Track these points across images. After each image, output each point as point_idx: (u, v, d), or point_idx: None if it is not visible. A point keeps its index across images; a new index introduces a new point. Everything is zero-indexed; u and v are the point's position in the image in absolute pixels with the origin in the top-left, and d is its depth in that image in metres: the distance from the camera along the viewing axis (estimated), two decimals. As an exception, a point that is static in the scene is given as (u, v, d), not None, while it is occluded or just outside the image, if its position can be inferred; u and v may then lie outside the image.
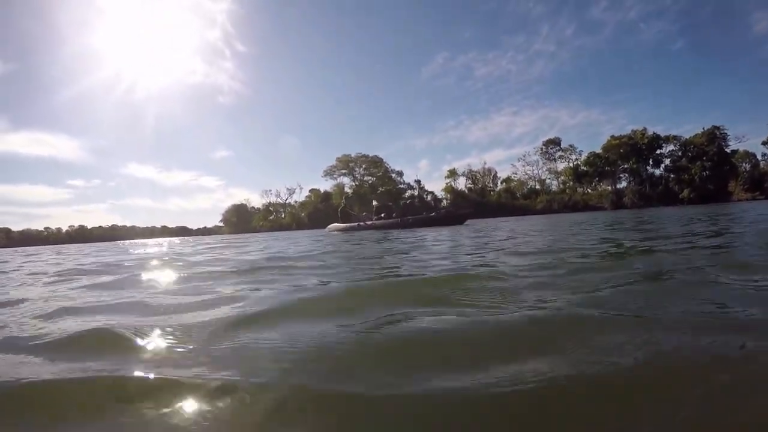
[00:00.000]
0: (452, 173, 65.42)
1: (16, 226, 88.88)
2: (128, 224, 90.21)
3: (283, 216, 71.26)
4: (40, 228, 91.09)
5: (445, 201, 62.08)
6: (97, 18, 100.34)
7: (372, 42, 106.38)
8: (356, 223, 15.97)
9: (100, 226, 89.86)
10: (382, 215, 16.03)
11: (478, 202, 58.27)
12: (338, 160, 69.24)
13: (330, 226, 17.80)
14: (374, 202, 18.13)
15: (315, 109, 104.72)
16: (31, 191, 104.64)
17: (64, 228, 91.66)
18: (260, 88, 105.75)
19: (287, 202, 73.59)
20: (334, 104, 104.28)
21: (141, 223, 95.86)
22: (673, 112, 76.59)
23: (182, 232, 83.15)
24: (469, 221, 15.69)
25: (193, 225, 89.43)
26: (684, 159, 52.79)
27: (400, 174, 67.19)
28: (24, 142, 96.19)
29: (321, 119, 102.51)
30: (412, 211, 17.00)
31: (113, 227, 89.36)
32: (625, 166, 55.71)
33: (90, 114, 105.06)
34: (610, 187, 56.53)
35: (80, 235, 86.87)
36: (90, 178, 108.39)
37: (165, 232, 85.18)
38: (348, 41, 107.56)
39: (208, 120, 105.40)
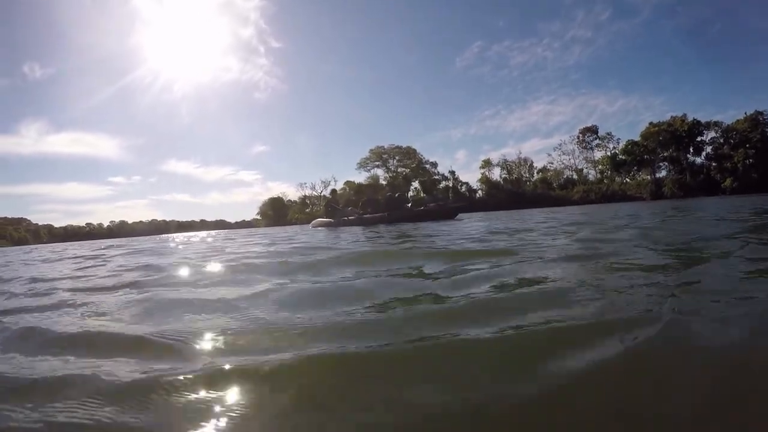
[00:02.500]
0: (486, 163, 67.34)
1: (58, 223, 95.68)
2: (167, 219, 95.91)
3: (319, 209, 74.73)
4: (82, 224, 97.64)
5: (480, 192, 64.22)
6: (133, 19, 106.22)
7: (406, 33, 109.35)
8: (342, 218, 15.46)
9: (140, 221, 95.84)
10: (369, 210, 15.49)
11: (513, 192, 60.18)
12: (371, 151, 72.35)
13: (314, 221, 17.49)
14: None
15: (351, 101, 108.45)
16: (73, 189, 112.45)
17: (105, 224, 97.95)
18: (295, 82, 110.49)
19: (322, 194, 77.00)
20: (370, 96, 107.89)
21: (180, 217, 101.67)
22: (714, 98, 76.48)
23: (221, 225, 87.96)
24: (461, 215, 15.63)
25: (231, 219, 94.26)
26: (726, 146, 53.31)
27: (434, 165, 69.70)
28: (65, 143, 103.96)
29: (357, 111, 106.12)
30: (402, 204, 17.06)
31: (153, 222, 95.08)
32: (665, 154, 56.50)
33: (128, 113, 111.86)
34: (649, 177, 57.35)
35: (121, 230, 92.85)
36: (130, 175, 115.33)
37: (204, 226, 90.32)
38: (382, 33, 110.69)
39: (244, 116, 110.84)
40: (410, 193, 67.48)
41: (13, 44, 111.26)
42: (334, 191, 17.49)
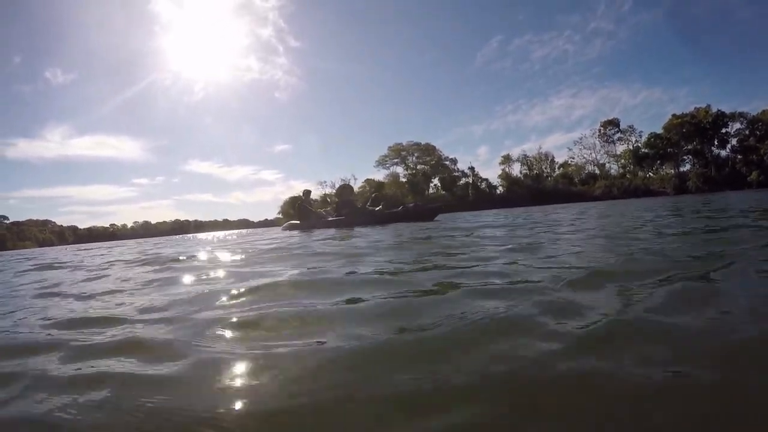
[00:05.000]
0: (506, 159, 67.95)
1: (83, 224, 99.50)
2: (190, 219, 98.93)
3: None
4: (106, 225, 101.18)
5: (500, 188, 64.92)
6: (152, 23, 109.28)
7: (426, 29, 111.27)
8: (317, 220, 15.00)
9: (164, 221, 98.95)
10: (345, 212, 14.98)
11: (533, 188, 60.71)
12: (390, 149, 73.49)
13: (286, 224, 16.93)
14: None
15: (372, 98, 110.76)
16: (97, 191, 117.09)
17: (129, 224, 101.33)
18: (315, 81, 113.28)
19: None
20: (391, 93, 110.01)
21: (203, 217, 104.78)
22: (740, 88, 75.83)
23: (244, 224, 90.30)
24: (440, 216, 15.48)
25: (254, 218, 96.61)
26: (752, 138, 53.03)
27: (453, 161, 70.53)
28: (89, 146, 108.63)
29: (378, 109, 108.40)
30: (379, 204, 15.81)
31: (176, 222, 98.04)
32: (688, 147, 56.39)
33: (150, 115, 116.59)
34: (672, 171, 57.27)
35: (144, 231, 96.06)
36: (154, 176, 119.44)
37: (227, 225, 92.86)
38: (402, 30, 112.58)
39: (265, 115, 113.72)
40: (430, 190, 68.63)
41: (35, 51, 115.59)
42: (306, 191, 16.63)
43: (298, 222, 15.45)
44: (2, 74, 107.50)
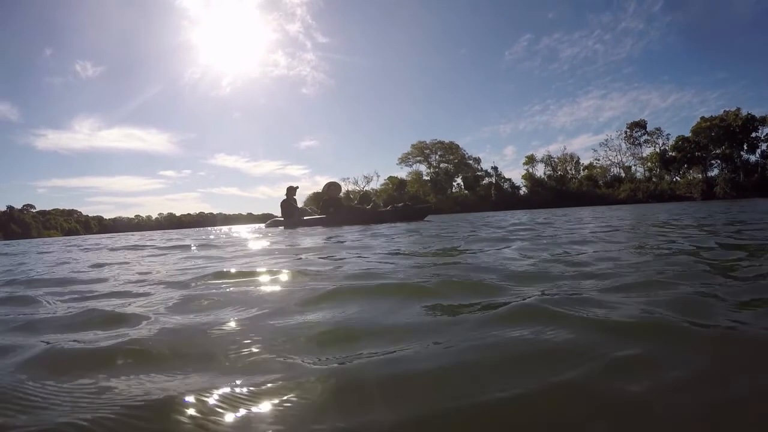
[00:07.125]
0: (530, 159, 68.20)
1: (109, 214, 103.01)
2: (215, 212, 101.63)
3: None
4: (131, 216, 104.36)
5: (524, 189, 65.35)
6: (181, 17, 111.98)
7: (454, 27, 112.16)
8: (301, 218, 14.66)
9: (188, 214, 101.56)
10: (331, 210, 14.68)
11: (557, 189, 60.99)
12: (413, 146, 74.48)
13: (270, 221, 16.53)
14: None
15: (399, 95, 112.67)
16: (125, 182, 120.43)
17: (154, 216, 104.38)
18: (343, 77, 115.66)
19: (364, 189, 79.73)
20: (418, 90, 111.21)
21: (228, 210, 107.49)
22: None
23: (268, 219, 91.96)
24: (430, 216, 15.37)
25: (278, 212, 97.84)
26: (783, 143, 52.51)
27: (477, 161, 71.19)
28: (117, 138, 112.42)
29: (405, 105, 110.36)
30: (369, 203, 16.57)
31: (200, 214, 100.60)
32: (717, 151, 55.96)
33: (178, 109, 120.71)
34: (700, 175, 56.92)
35: (169, 222, 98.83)
36: (181, 169, 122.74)
37: (251, 219, 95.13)
38: (429, 27, 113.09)
39: (293, 111, 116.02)
40: (452, 189, 69.43)
41: (65, 44, 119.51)
42: (290, 188, 15.91)
43: (282, 219, 15.12)
44: (33, 66, 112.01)
